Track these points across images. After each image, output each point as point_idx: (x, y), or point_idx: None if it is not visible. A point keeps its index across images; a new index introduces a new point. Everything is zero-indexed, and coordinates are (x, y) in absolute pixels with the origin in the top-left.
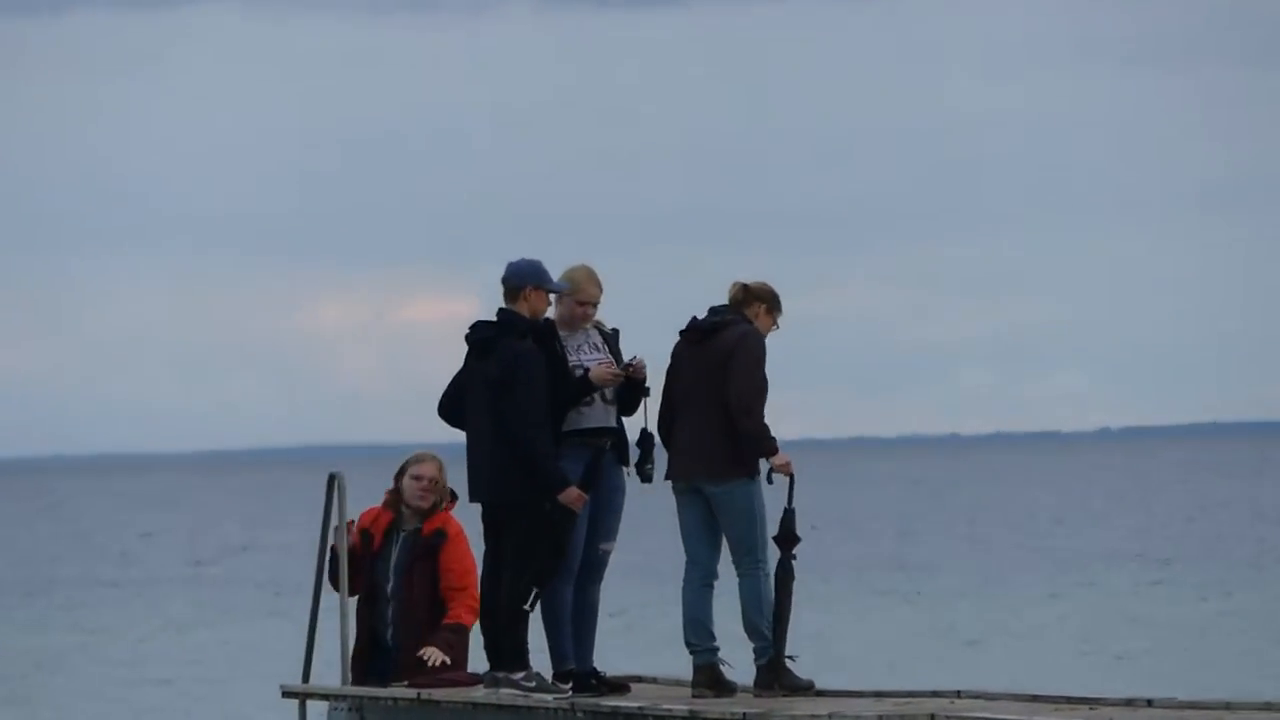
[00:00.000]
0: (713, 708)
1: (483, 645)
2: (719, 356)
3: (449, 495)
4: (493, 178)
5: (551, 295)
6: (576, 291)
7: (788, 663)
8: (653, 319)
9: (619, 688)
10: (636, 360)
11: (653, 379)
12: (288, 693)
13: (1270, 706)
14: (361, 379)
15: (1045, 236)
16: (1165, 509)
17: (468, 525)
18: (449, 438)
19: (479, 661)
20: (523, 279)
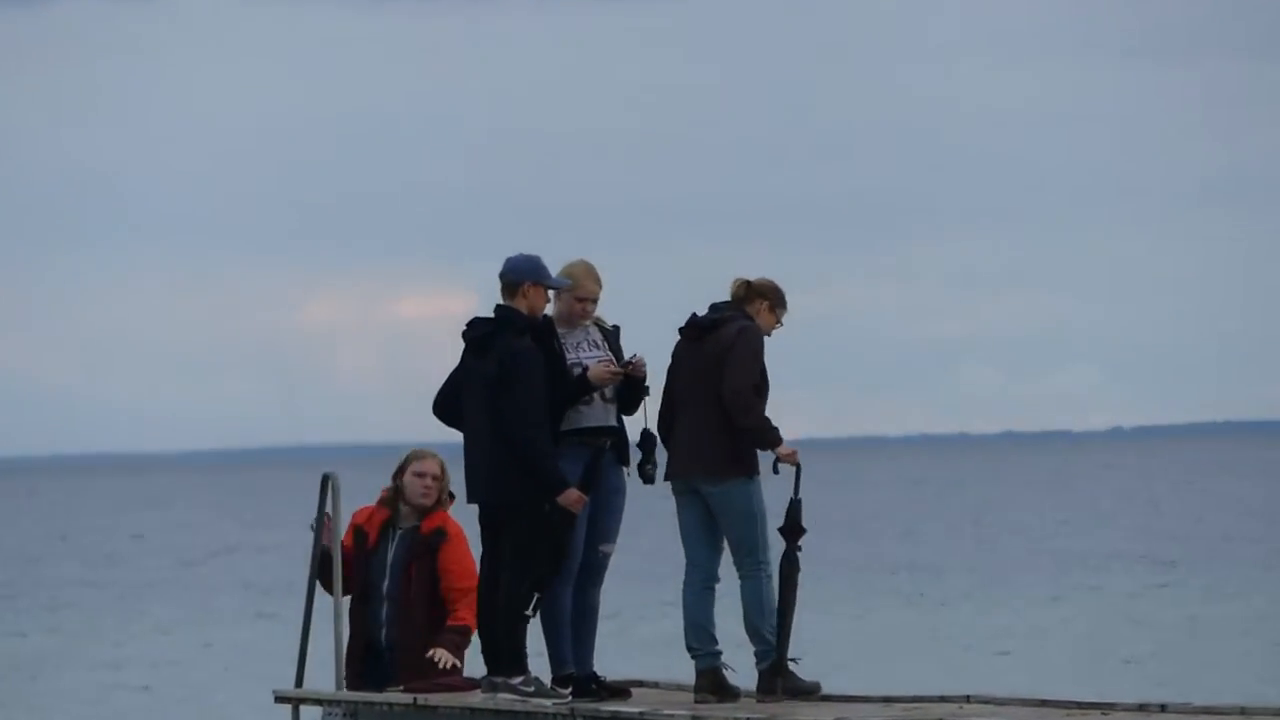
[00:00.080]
0: (715, 713)
1: (480, 649)
2: (716, 353)
3: (448, 495)
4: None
5: (550, 292)
6: (575, 288)
7: (790, 665)
8: (654, 316)
9: (619, 693)
10: (636, 358)
11: (653, 377)
12: (280, 698)
13: None
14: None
15: (1055, 232)
16: (1174, 509)
17: (464, 526)
18: (445, 437)
19: (476, 665)
20: (521, 275)
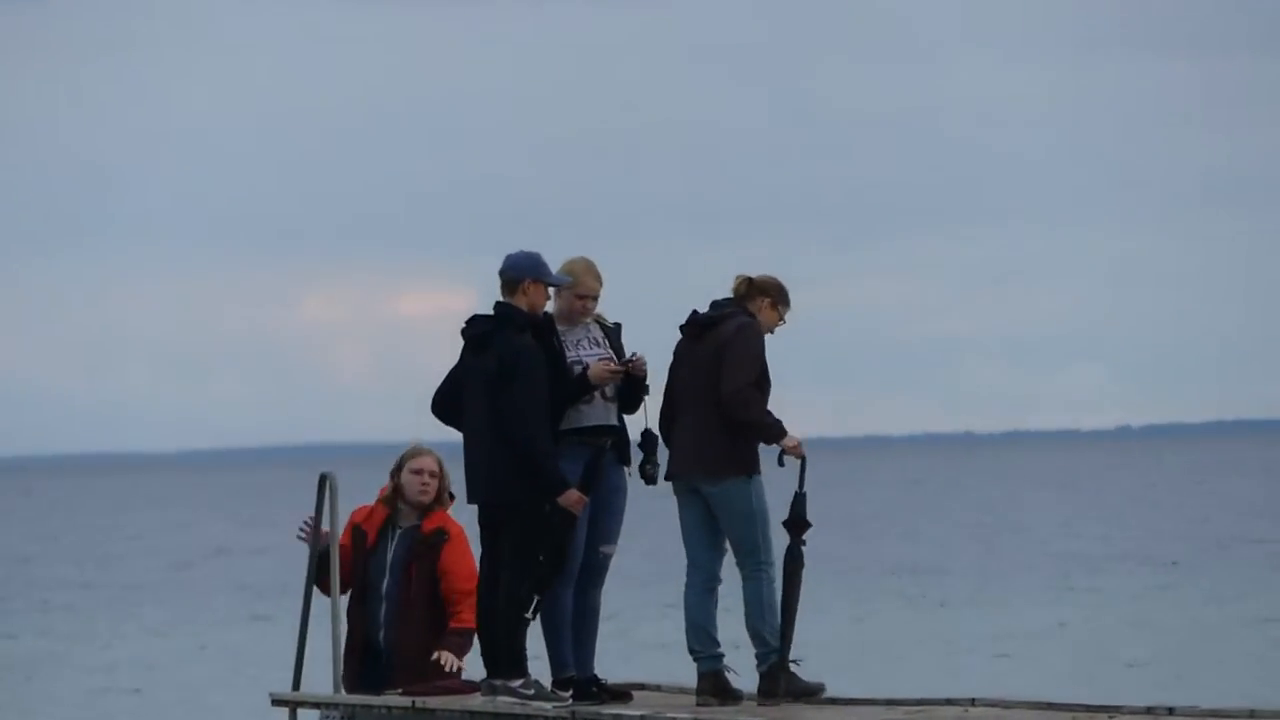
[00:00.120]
0: (717, 716)
1: (479, 651)
2: (715, 351)
3: (448, 494)
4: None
5: (550, 289)
6: (576, 285)
7: (793, 667)
8: (657, 313)
9: (621, 696)
10: (636, 356)
11: (654, 375)
12: (277, 700)
13: None
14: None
15: (1061, 229)
16: (1179, 509)
17: (465, 527)
18: (444, 436)
19: (475, 668)
20: (521, 272)
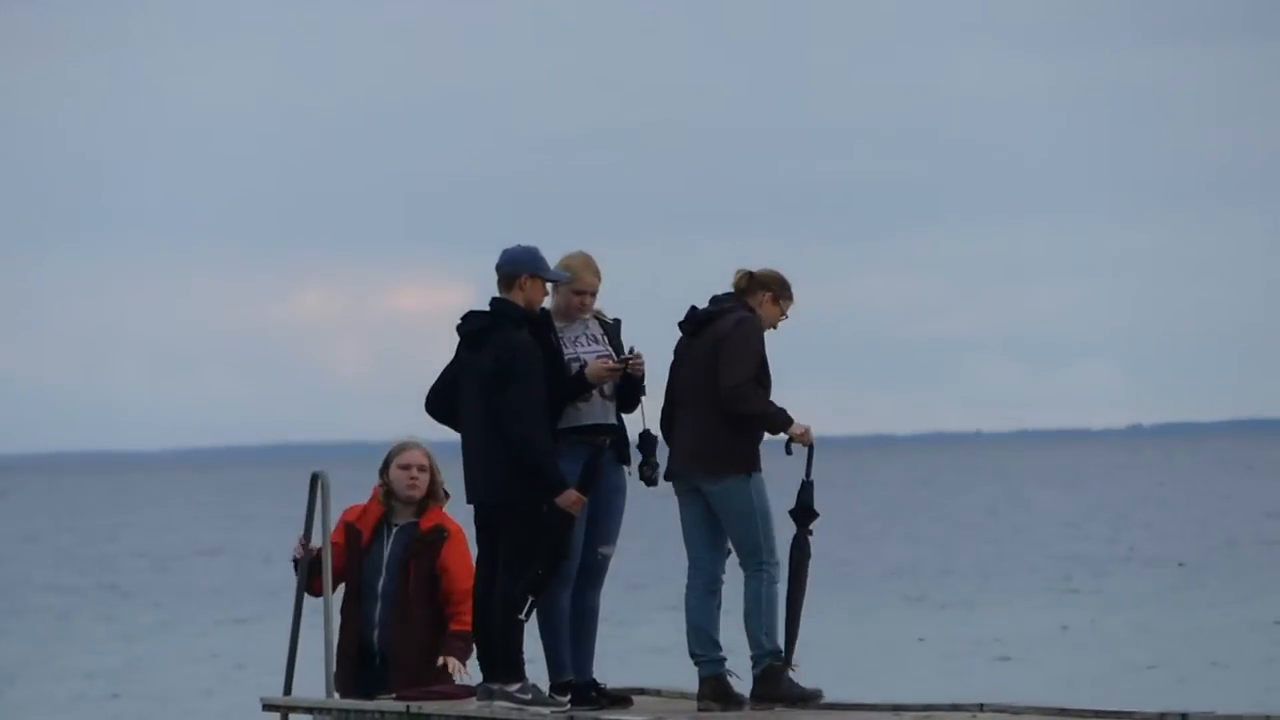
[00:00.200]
0: None
1: (475, 655)
2: (712, 346)
3: (444, 492)
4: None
5: (548, 284)
6: (573, 280)
7: (790, 672)
8: (656, 309)
9: (620, 700)
10: (634, 354)
11: (653, 373)
12: (268, 705)
13: None
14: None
15: (1072, 222)
16: (1188, 510)
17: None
18: (439, 435)
19: (472, 671)
20: (518, 267)
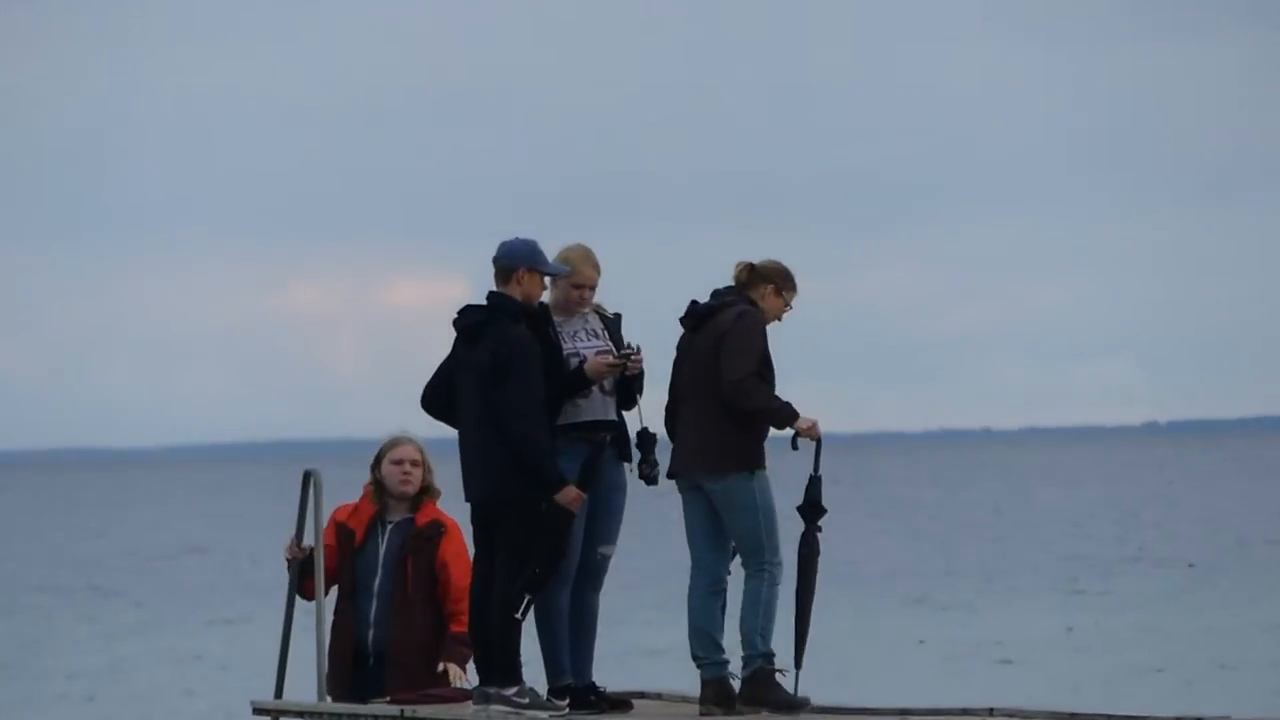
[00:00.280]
0: None
1: (471, 657)
2: (714, 341)
3: (436, 489)
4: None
5: (546, 278)
6: (572, 274)
7: (778, 677)
8: (659, 304)
9: (620, 704)
10: (632, 350)
11: (654, 369)
12: (259, 709)
13: None
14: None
15: (1086, 215)
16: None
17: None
18: (435, 432)
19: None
20: (516, 260)
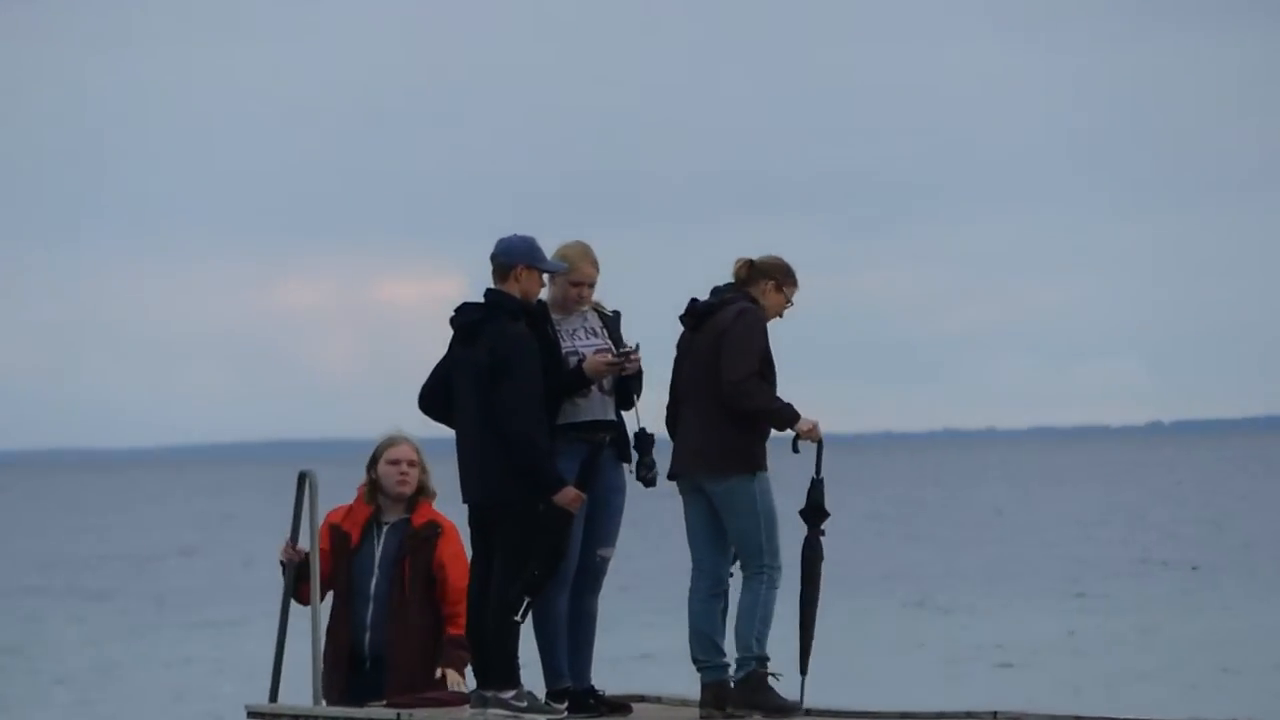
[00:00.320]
0: None
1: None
2: (714, 340)
3: (430, 488)
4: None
5: (545, 276)
6: (571, 271)
7: (771, 680)
8: (658, 302)
9: (619, 708)
10: (629, 348)
11: (654, 368)
12: (253, 713)
13: None
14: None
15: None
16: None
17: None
18: (431, 432)
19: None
20: (514, 257)
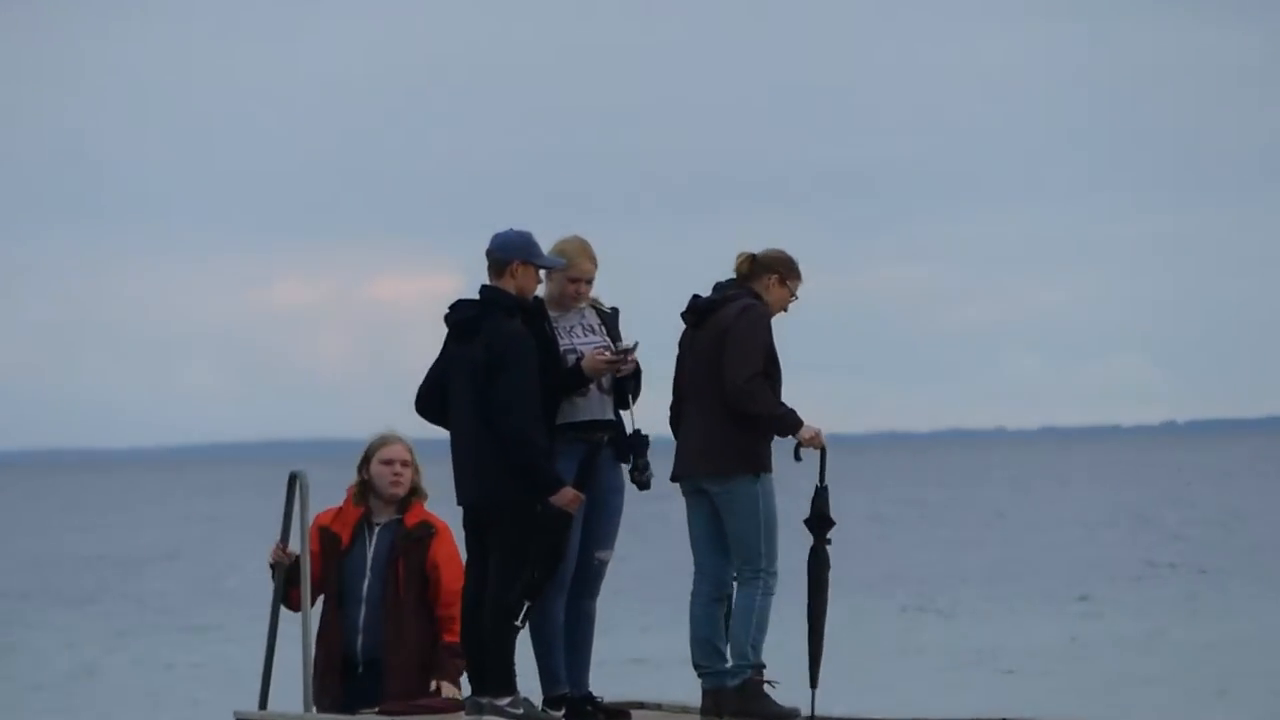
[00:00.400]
0: None
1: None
2: (717, 338)
3: (422, 489)
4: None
5: (542, 272)
6: (568, 267)
7: (767, 687)
8: (659, 298)
9: (618, 714)
10: (629, 346)
11: (654, 367)
12: (242, 719)
13: None
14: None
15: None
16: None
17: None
18: (423, 432)
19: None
20: (510, 253)
